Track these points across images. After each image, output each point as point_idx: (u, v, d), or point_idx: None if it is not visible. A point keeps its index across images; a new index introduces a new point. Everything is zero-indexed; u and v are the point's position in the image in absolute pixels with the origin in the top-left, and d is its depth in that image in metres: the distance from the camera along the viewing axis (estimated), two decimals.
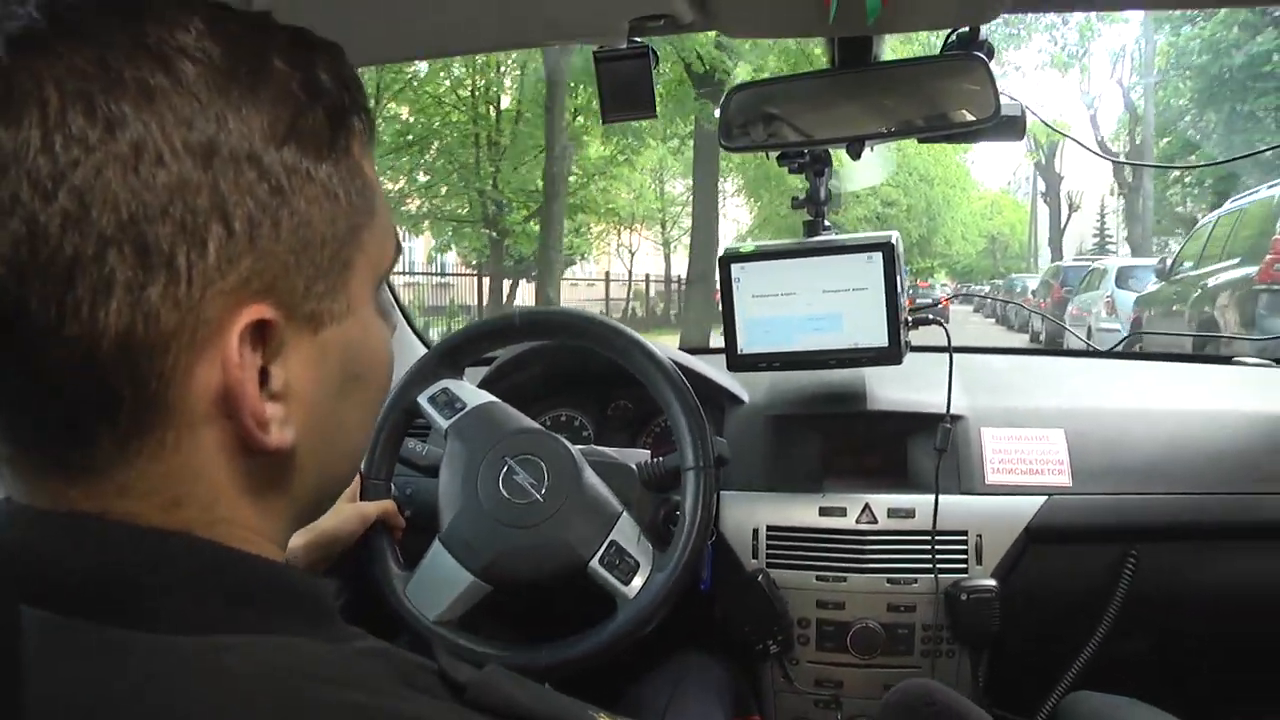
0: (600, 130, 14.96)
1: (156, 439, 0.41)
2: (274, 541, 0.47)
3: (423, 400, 1.25)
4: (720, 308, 1.34)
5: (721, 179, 27.41)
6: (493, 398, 1.28)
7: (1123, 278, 11.17)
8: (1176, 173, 22.27)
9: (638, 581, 1.16)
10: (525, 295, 18.47)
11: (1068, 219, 34.06)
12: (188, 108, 0.39)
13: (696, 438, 1.21)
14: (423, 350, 1.80)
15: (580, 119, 14.96)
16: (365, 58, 1.14)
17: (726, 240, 29.45)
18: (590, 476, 1.21)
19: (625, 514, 1.20)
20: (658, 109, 1.18)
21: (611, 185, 18.98)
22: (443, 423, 1.23)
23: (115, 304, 0.38)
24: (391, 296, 1.82)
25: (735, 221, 29.99)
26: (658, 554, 1.19)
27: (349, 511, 1.16)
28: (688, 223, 28.48)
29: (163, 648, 0.38)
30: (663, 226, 28.40)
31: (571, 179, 14.90)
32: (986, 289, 27.63)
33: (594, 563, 1.15)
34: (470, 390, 1.28)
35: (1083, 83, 29.31)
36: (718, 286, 1.34)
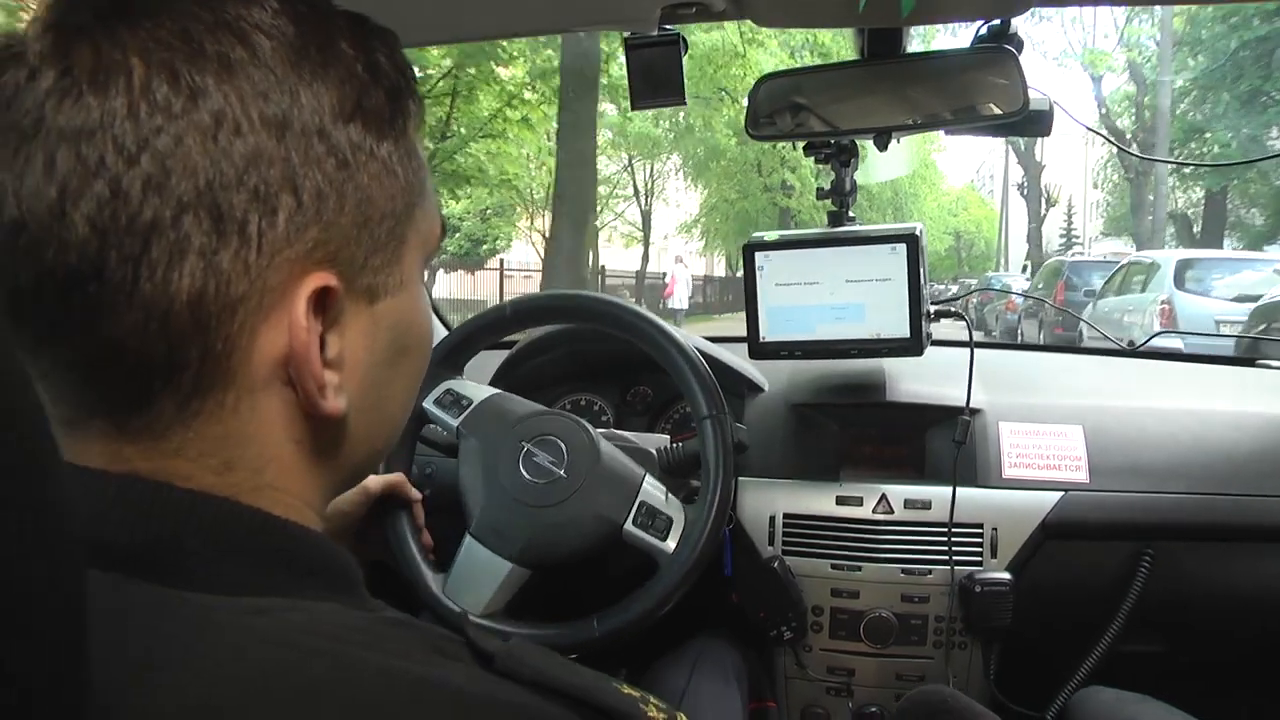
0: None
1: (216, 402, 0.42)
2: (314, 509, 0.49)
3: (429, 405, 1.26)
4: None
5: (659, 157, 25.90)
6: (497, 390, 1.29)
7: (1184, 276, 9.01)
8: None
9: (674, 536, 1.17)
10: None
11: (1046, 212, 32.53)
12: (265, 81, 0.41)
13: (706, 388, 1.22)
14: (441, 329, 1.82)
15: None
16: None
17: (661, 230, 27.38)
18: (607, 446, 1.22)
19: (648, 476, 1.21)
20: None
21: (501, 149, 14.08)
22: (453, 421, 1.24)
23: (189, 267, 0.40)
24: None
25: (678, 206, 28.88)
26: (688, 508, 1.21)
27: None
28: (625, 208, 28.26)
29: (205, 606, 0.39)
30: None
31: (448, 142, 12.51)
32: (954, 289, 26.11)
33: (628, 525, 1.17)
34: (473, 386, 1.29)
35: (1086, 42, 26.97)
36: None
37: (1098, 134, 1.78)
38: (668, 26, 1.13)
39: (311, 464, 0.47)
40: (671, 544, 1.17)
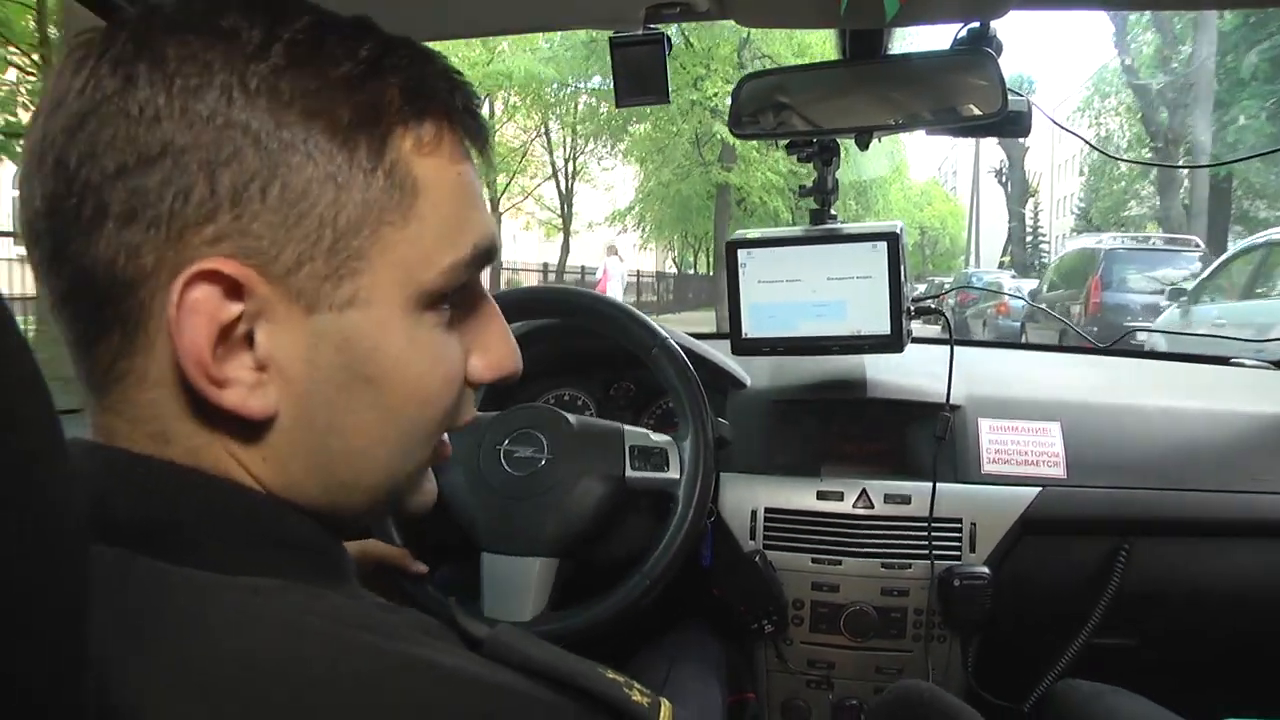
0: None
1: (139, 368, 0.45)
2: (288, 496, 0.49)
3: None
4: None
5: (603, 138, 21.75)
6: None
7: None
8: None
9: (674, 464, 1.20)
10: None
11: (1027, 200, 29.53)
12: (196, 78, 0.43)
13: (635, 323, 1.26)
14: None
15: None
16: None
17: (586, 216, 23.74)
18: (575, 417, 1.25)
19: (625, 426, 1.25)
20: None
21: None
22: None
23: (105, 238, 0.42)
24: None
25: (608, 189, 24.48)
26: (673, 433, 1.24)
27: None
28: (540, 186, 22.58)
29: (199, 583, 0.40)
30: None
31: None
32: (922, 289, 25.89)
33: (629, 472, 1.20)
34: None
35: None
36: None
37: (1072, 133, 1.73)
38: (653, 26, 1.14)
39: (261, 464, 0.47)
40: (675, 471, 1.20)
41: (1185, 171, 17.55)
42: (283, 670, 0.38)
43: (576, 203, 23.44)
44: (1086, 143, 1.53)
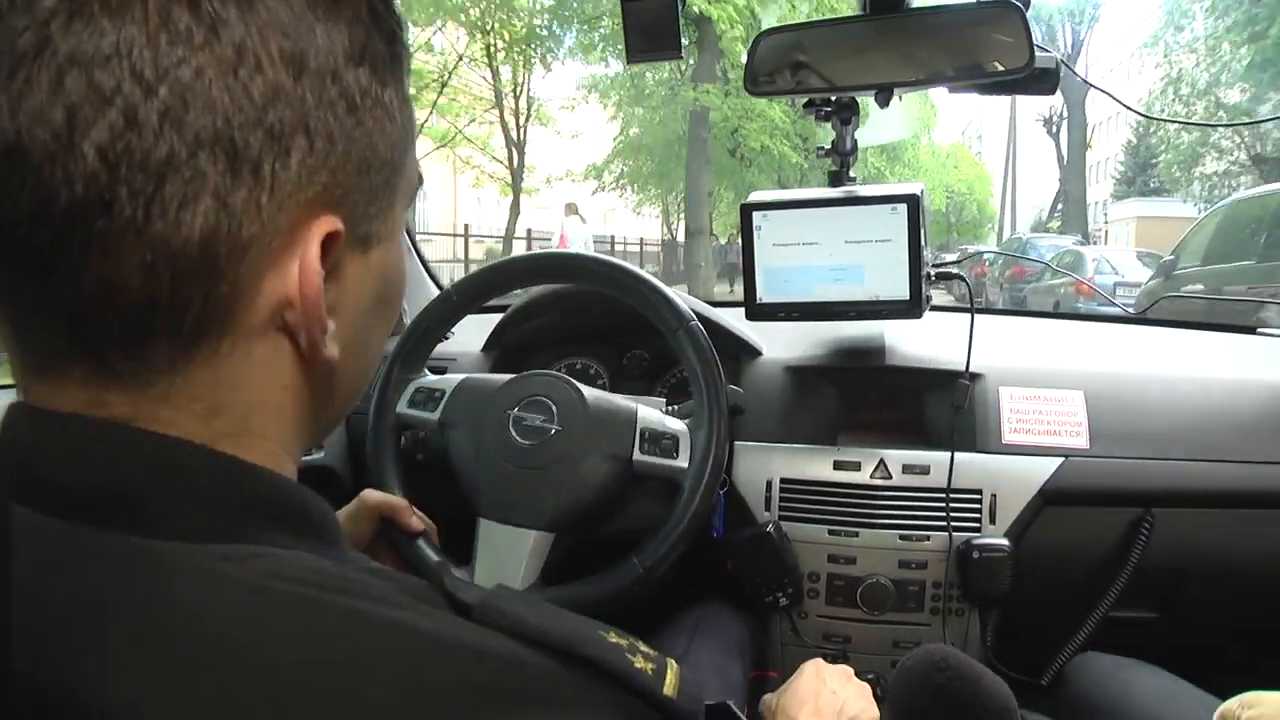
0: None
1: (212, 346, 0.41)
2: (292, 456, 0.48)
3: (403, 410, 1.25)
4: None
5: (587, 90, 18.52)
6: (464, 374, 1.29)
7: None
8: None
9: (684, 452, 1.18)
10: None
11: (1086, 152, 25.29)
12: (284, 15, 0.40)
13: (664, 303, 1.22)
14: (433, 287, 1.81)
15: None
16: None
17: (545, 170, 20.09)
18: (591, 391, 1.22)
19: (641, 405, 1.22)
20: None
21: None
22: (432, 416, 1.23)
23: (203, 206, 0.38)
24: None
25: (574, 138, 20.01)
26: (689, 422, 1.21)
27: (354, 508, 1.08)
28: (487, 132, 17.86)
29: (168, 553, 0.38)
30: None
31: None
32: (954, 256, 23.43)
33: (637, 455, 1.17)
34: (439, 379, 1.28)
35: None
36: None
37: (1104, 92, 1.69)
38: None
39: (297, 411, 0.46)
40: (684, 460, 1.17)
41: None
42: (249, 640, 0.37)
43: (535, 153, 19.92)
44: (1119, 102, 1.49)
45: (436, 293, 1.34)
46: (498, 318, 1.58)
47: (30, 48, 0.36)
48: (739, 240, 1.39)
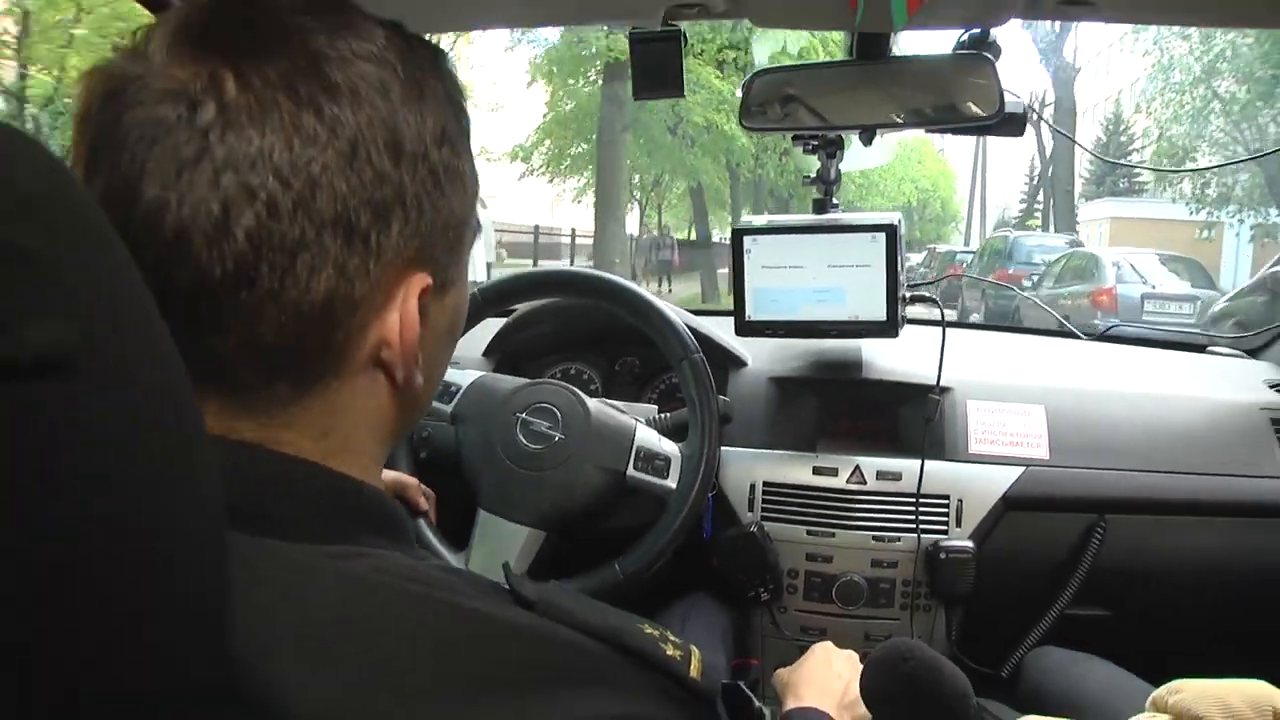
0: None
1: (325, 383, 0.50)
2: (378, 466, 0.57)
3: None
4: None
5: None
6: (479, 372, 1.38)
7: None
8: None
9: (674, 473, 1.28)
10: None
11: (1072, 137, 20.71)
12: (385, 109, 0.48)
13: (673, 333, 1.32)
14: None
15: None
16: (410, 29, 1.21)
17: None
18: (596, 404, 1.31)
19: (640, 424, 1.31)
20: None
21: None
22: (446, 408, 1.33)
23: (325, 274, 0.46)
24: None
25: (494, 110, 17.90)
26: (682, 445, 1.31)
27: None
28: None
29: (298, 552, 0.46)
30: None
31: None
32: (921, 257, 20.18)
33: (630, 470, 1.27)
34: (456, 373, 1.37)
35: None
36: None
37: (1074, 141, 1.77)
38: (671, 22, 1.19)
39: (385, 428, 0.55)
40: (673, 481, 1.27)
41: None
42: (372, 621, 0.44)
43: None
44: (1091, 153, 1.57)
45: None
46: (499, 324, 1.66)
47: (193, 154, 0.44)
48: (672, 234, 1.48)
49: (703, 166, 15.32)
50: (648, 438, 1.30)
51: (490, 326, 1.65)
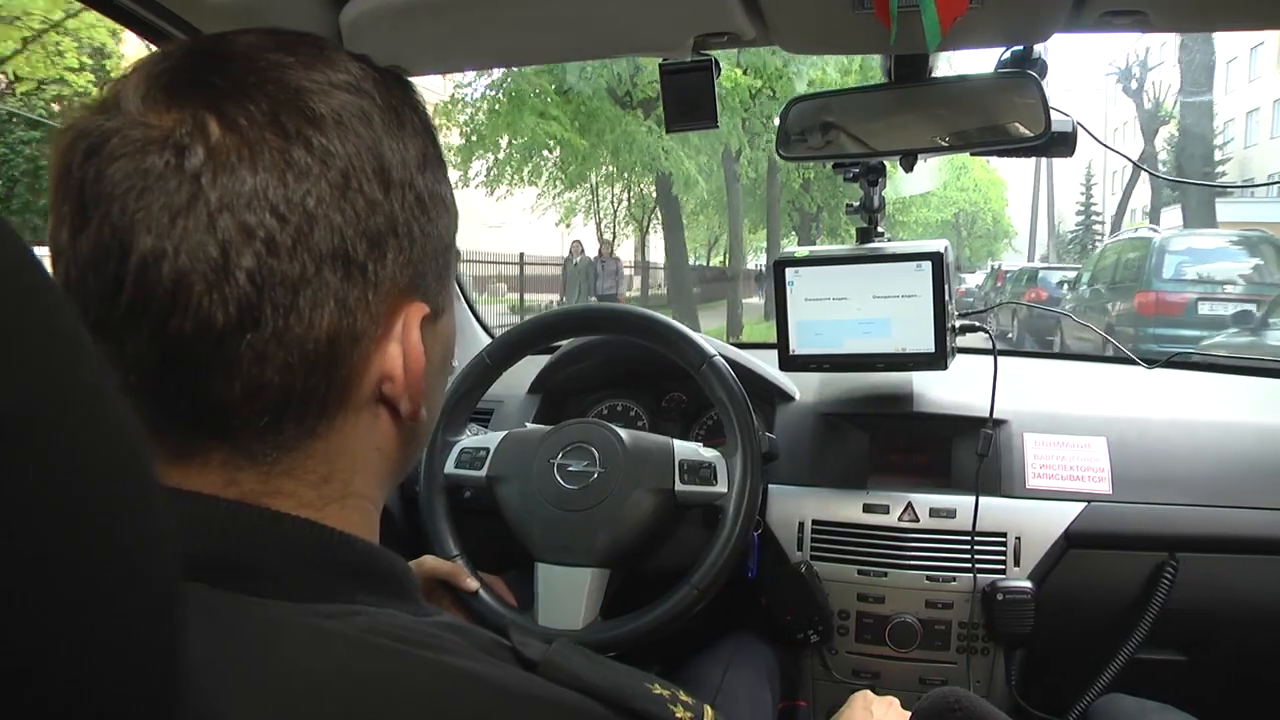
0: None
1: (329, 423, 0.49)
2: (377, 508, 0.55)
3: (451, 470, 1.32)
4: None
5: None
6: (503, 431, 1.36)
7: None
8: None
9: (722, 478, 1.25)
10: None
11: (1157, 127, 18.67)
12: (368, 136, 0.48)
13: (686, 342, 1.31)
14: (480, 333, 1.88)
15: None
16: (443, 67, 1.21)
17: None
18: (629, 433, 1.29)
19: (675, 440, 1.29)
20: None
21: None
22: (480, 474, 1.31)
23: (328, 308, 0.46)
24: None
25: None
26: (721, 447, 1.28)
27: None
28: None
29: (280, 611, 0.44)
30: None
31: None
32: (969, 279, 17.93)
33: (679, 486, 1.24)
34: (481, 438, 1.36)
35: None
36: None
37: (1117, 153, 1.68)
38: (702, 52, 1.17)
39: (385, 467, 0.54)
40: (723, 486, 1.24)
41: None
42: (353, 688, 0.42)
43: None
44: (1133, 162, 1.53)
45: (485, 339, 1.41)
46: (543, 360, 1.65)
47: (186, 200, 0.43)
48: (617, 256, 1.45)
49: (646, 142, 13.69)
50: (687, 449, 1.28)
51: (535, 363, 1.64)
